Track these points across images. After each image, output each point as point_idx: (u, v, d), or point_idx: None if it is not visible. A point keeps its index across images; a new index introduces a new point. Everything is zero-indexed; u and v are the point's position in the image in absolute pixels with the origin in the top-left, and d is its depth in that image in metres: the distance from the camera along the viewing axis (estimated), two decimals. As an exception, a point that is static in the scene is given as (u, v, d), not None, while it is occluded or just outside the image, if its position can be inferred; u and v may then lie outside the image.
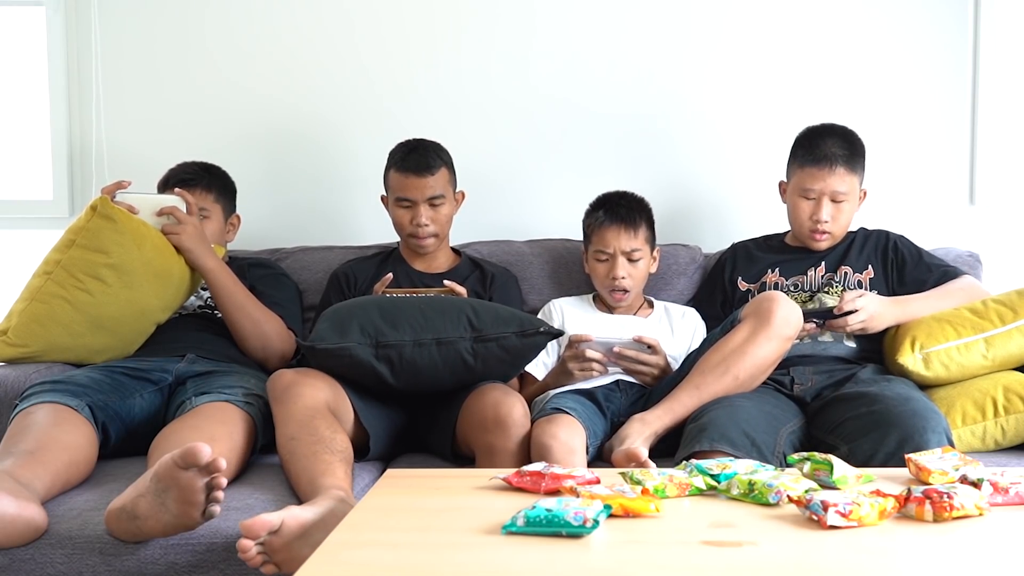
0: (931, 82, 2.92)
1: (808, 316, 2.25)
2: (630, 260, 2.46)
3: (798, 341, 2.30)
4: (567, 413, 2.08)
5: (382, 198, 2.62)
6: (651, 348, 2.29)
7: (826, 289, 2.44)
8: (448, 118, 2.60)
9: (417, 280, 2.53)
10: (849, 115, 2.82)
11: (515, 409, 2.04)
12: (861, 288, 2.42)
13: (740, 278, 2.55)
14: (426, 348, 2.08)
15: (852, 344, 2.36)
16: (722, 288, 2.58)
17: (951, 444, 1.94)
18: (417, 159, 2.50)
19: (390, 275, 2.36)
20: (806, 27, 2.93)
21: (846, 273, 2.44)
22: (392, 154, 2.57)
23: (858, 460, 1.90)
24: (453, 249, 2.69)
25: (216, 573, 1.66)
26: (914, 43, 2.92)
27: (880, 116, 2.92)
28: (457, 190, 2.61)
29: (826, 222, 2.43)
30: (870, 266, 2.47)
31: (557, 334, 2.17)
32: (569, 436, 2.01)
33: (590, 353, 2.26)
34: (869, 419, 2.01)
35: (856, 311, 2.26)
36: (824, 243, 2.49)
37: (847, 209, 2.45)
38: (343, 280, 2.58)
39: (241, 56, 3.00)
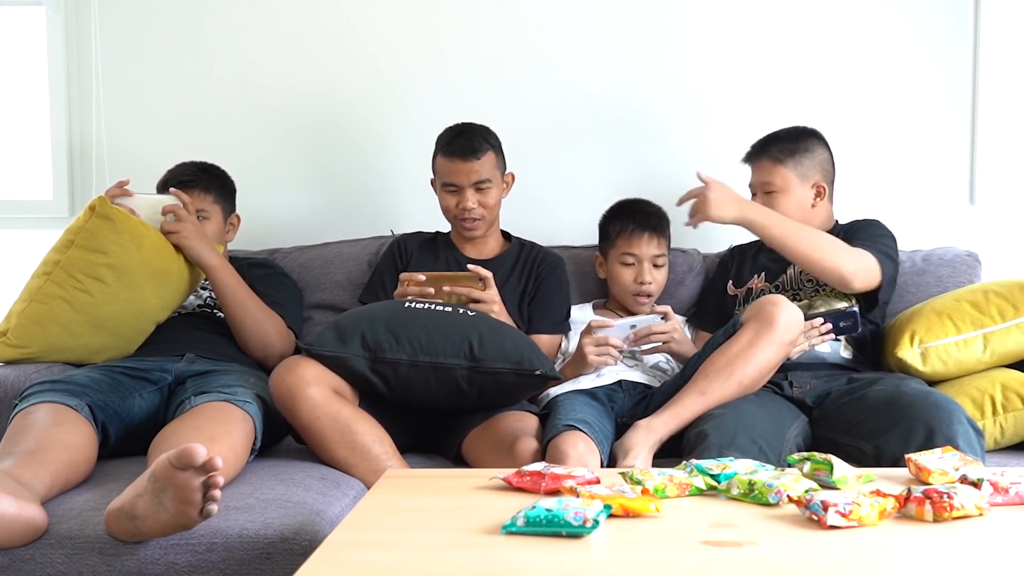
0: (931, 82, 2.91)
1: (822, 317, 2.24)
2: (655, 266, 2.52)
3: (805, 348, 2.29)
4: (580, 430, 2.04)
5: (431, 182, 2.61)
6: (664, 316, 2.36)
7: (822, 293, 2.40)
8: (443, 121, 2.61)
9: (466, 266, 2.47)
10: (848, 115, 2.84)
11: (528, 445, 2.05)
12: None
13: (731, 282, 2.56)
14: (422, 370, 2.09)
15: (847, 354, 2.35)
16: (726, 289, 2.57)
17: (977, 432, 1.95)
18: (463, 143, 2.49)
19: (421, 275, 2.32)
20: (805, 27, 2.93)
21: None
22: (439, 139, 2.56)
23: (888, 458, 1.90)
24: (504, 233, 2.68)
25: (216, 573, 1.66)
26: (914, 43, 2.91)
27: (880, 116, 2.91)
28: (507, 172, 2.60)
29: None
30: None
31: (554, 378, 2.18)
32: (585, 456, 1.99)
33: (613, 340, 2.28)
34: (890, 416, 2.01)
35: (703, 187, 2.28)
36: None
37: (783, 201, 2.43)
38: (397, 250, 2.60)
39: (241, 55, 3.00)
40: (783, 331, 2.12)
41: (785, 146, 2.48)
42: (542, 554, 1.29)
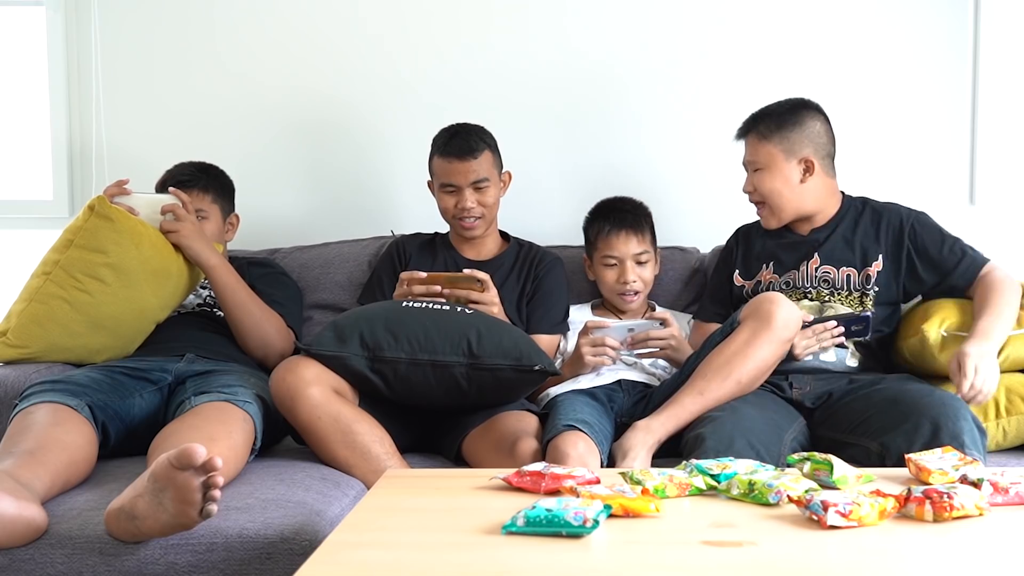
0: (931, 81, 2.91)
1: (834, 320, 2.22)
2: (639, 263, 2.51)
3: (810, 358, 2.26)
4: (580, 430, 2.05)
5: (428, 184, 2.61)
6: (663, 322, 2.34)
7: (828, 299, 2.38)
8: (443, 121, 2.62)
9: (464, 267, 2.50)
10: (848, 114, 2.83)
11: (528, 445, 2.06)
12: (869, 284, 2.34)
13: (738, 272, 2.52)
14: (421, 368, 2.09)
15: (854, 363, 2.33)
16: (730, 278, 2.53)
17: (980, 431, 1.95)
18: (459, 143, 2.50)
19: (422, 274, 2.33)
20: (806, 26, 2.93)
21: (849, 276, 2.37)
22: (435, 140, 2.56)
23: (893, 455, 1.89)
24: (502, 233, 2.68)
25: (216, 573, 1.66)
26: (914, 42, 2.91)
27: (880, 116, 2.91)
28: (504, 170, 2.61)
29: (749, 192, 2.45)
30: (880, 257, 2.37)
31: (553, 373, 2.18)
32: (585, 456, 1.99)
33: (610, 341, 2.28)
34: (895, 413, 2.00)
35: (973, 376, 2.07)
36: (767, 220, 2.45)
37: (767, 179, 2.39)
38: (395, 252, 2.60)
39: (241, 55, 3.01)
40: (781, 329, 2.11)
41: (772, 121, 2.41)
42: (542, 554, 1.29)
